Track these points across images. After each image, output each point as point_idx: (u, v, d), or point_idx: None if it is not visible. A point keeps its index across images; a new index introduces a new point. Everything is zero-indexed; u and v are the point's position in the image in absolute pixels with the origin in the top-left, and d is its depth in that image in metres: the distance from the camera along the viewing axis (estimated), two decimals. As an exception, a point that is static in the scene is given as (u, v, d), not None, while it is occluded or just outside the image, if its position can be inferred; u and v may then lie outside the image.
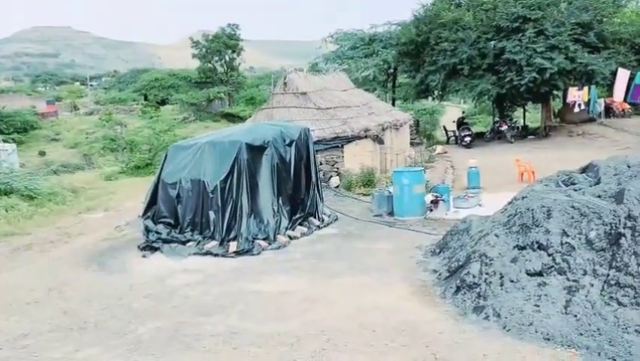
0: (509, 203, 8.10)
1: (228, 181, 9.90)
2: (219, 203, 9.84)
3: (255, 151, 10.25)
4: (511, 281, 6.39)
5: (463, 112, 28.51)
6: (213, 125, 45.75)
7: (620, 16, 22.33)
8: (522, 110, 28.13)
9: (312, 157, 11.62)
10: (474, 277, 6.84)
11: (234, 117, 52.16)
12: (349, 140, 16.13)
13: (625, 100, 23.74)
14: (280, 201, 10.53)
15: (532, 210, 6.95)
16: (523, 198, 7.66)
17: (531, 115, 30.48)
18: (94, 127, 42.66)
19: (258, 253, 9.65)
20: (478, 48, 21.57)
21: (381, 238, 10.66)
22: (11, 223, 15.07)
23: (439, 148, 22.39)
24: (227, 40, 53.99)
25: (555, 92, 22.96)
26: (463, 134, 23.55)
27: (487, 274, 6.71)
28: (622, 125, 22.31)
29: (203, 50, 54.50)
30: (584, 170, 8.50)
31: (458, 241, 8.55)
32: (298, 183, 11.15)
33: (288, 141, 10.99)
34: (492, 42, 20.61)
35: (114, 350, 6.04)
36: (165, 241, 9.92)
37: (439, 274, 7.83)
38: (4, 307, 7.89)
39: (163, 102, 59.44)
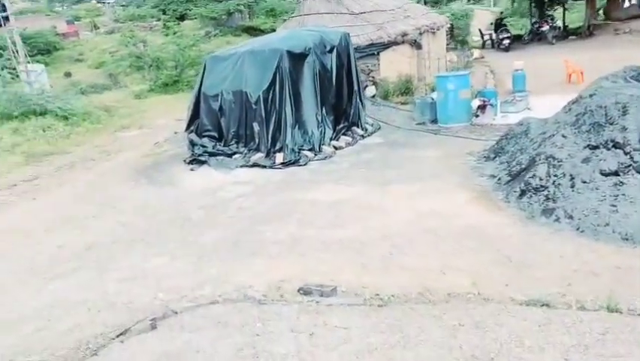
0: (574, 102, 7.67)
1: (271, 91, 9.59)
2: (263, 114, 9.60)
3: (297, 59, 9.84)
4: (584, 182, 6.13)
5: (502, 12, 27.03)
6: (234, 39, 44.54)
7: None
8: (562, 9, 26.53)
9: (353, 64, 11.16)
10: (541, 179, 6.59)
11: (255, 30, 50.51)
12: (385, 46, 15.42)
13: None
14: (324, 111, 10.24)
15: (606, 107, 6.56)
16: (591, 95, 7.22)
17: (570, 14, 28.78)
18: (117, 46, 41.96)
19: (305, 164, 9.50)
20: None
21: (428, 145, 10.39)
22: (50, 143, 15.19)
23: (476, 52, 21.45)
24: (246, -52, 51.32)
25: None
26: (501, 36, 22.43)
27: (555, 176, 6.46)
28: (674, 21, 20.96)
29: (220, -41, 51.98)
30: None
31: (516, 144, 8.25)
32: (340, 91, 10.78)
33: (328, 48, 10.51)
34: None
35: (182, 259, 6.07)
36: (211, 155, 9.82)
37: (499, 179, 7.60)
38: (64, 222, 7.99)
39: (182, 17, 57.81)
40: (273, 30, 54.31)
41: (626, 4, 20.24)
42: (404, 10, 17.61)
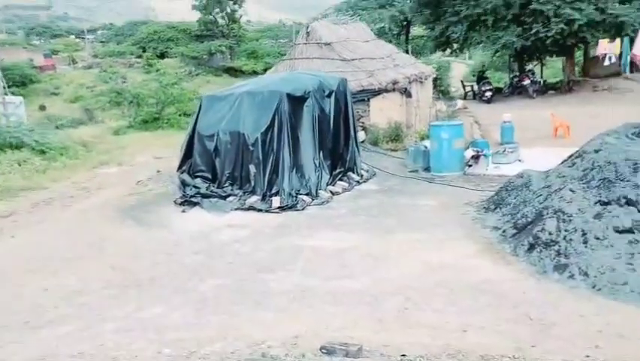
0: (577, 156, 7.68)
1: (269, 133, 9.42)
2: (260, 156, 9.39)
3: (296, 102, 9.74)
4: (597, 239, 6.03)
5: (484, 66, 27.76)
6: (215, 79, 44.78)
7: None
8: (540, 64, 27.39)
9: (350, 110, 11.12)
10: (550, 234, 6.48)
11: (236, 71, 51.01)
12: (376, 93, 15.52)
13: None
14: (321, 155, 10.10)
15: (615, 163, 6.55)
16: (596, 151, 7.23)
17: (548, 70, 29.74)
18: (96, 81, 41.64)
19: (303, 209, 9.26)
20: (503, -3, 20.73)
21: (424, 194, 10.28)
22: (26, 178, 14.67)
23: (459, 103, 21.80)
24: (229, -9, 52.20)
25: (581, 44, 22.25)
26: (483, 88, 22.89)
27: (566, 230, 6.36)
28: (648, 81, 21.74)
29: (204, 0, 52.77)
30: (653, 122, 8.05)
31: (518, 196, 8.18)
32: (337, 136, 10.68)
33: (327, 92, 10.46)
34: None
35: (181, 308, 5.70)
36: (204, 196, 9.51)
37: (503, 231, 7.48)
38: (47, 263, 7.52)
39: (162, 55, 57.96)
40: (255, 72, 54.78)
41: (606, 62, 20.93)
42: (393, 59, 17.88)
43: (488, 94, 22.78)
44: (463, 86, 26.04)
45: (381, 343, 4.58)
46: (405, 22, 29.07)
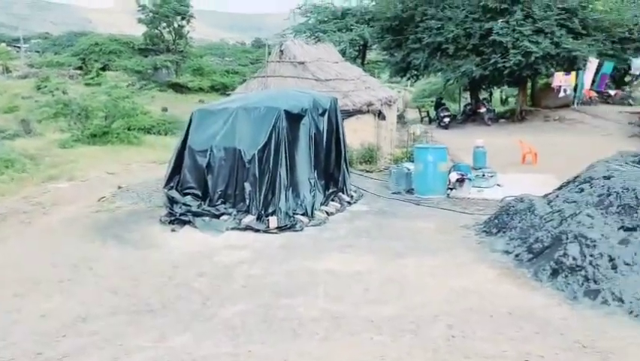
0: (584, 182, 7.79)
1: (266, 151, 9.04)
2: (257, 174, 8.98)
3: (293, 119, 9.44)
4: (627, 264, 6.06)
5: (441, 93, 28.48)
6: (160, 94, 43.60)
7: (602, 3, 22.76)
8: (489, 94, 28.43)
9: (341, 129, 10.92)
10: (574, 259, 6.47)
11: (182, 87, 49.98)
12: (350, 114, 15.43)
13: (591, 88, 24.48)
14: (315, 175, 9.81)
15: (635, 190, 6.67)
16: (607, 177, 7.37)
17: (495, 99, 30.92)
18: (32, 91, 39.55)
19: (301, 229, 8.92)
20: (464, 28, 21.37)
21: (417, 216, 10.18)
22: (-32, 192, 13.57)
23: (419, 128, 22.15)
24: (177, 6, 51.34)
25: (534, 76, 23.25)
26: (442, 114, 23.42)
27: (591, 256, 6.36)
28: (595, 112, 22.93)
29: (151, 14, 51.58)
30: (650, 151, 8.32)
31: (522, 220, 8.19)
32: (329, 156, 10.45)
33: (321, 111, 10.24)
34: (479, 23, 20.41)
35: (210, 337, 5.21)
36: (196, 215, 8.98)
37: (516, 256, 7.43)
38: (34, 286, 6.79)
39: (103, 68, 55.96)
40: (201, 89, 53.62)
41: (562, 94, 21.93)
42: (363, 81, 17.92)
43: (446, 120, 23.31)
44: (420, 112, 26.56)
45: (450, 374, 4.32)
46: (362, 47, 29.43)
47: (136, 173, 17.12)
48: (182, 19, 53.24)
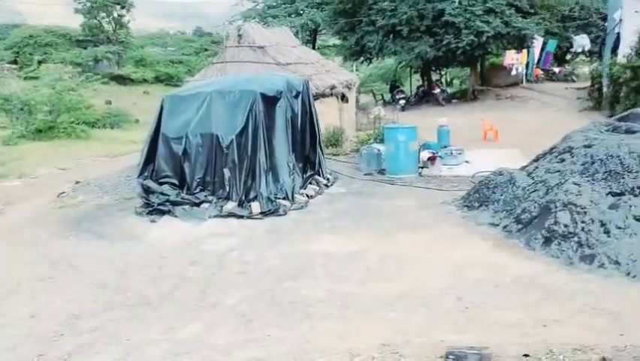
0: (564, 152, 7.98)
1: (243, 135, 8.79)
2: (236, 160, 8.73)
3: (269, 102, 9.20)
4: (619, 228, 6.24)
5: (395, 75, 28.65)
6: (102, 87, 42.00)
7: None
8: (440, 75, 28.85)
9: (314, 112, 10.77)
10: (566, 226, 6.62)
11: (125, 79, 48.32)
12: (314, 98, 15.27)
13: (537, 66, 25.27)
14: (294, 158, 9.63)
15: (619, 156, 6.87)
16: (588, 146, 7.57)
17: (442, 79, 31.35)
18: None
19: (285, 214, 8.75)
20: (417, 9, 21.51)
21: (395, 195, 10.19)
22: None
23: (375, 110, 22.22)
24: (116, -6, 49.43)
25: (487, 55, 23.74)
26: (398, 97, 23.58)
27: (583, 222, 6.52)
28: (542, 89, 23.66)
29: (88, 4, 49.47)
30: (621, 119, 8.61)
31: (504, 193, 8.31)
32: (304, 139, 10.28)
33: (294, 93, 10.03)
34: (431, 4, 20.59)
35: (222, 325, 5.01)
36: (174, 204, 8.64)
37: (504, 227, 7.53)
38: (13, 287, 6.36)
39: (39, 62, 53.28)
40: (145, 80, 51.87)
41: (513, 72, 22.47)
42: (322, 64, 17.76)
43: (402, 102, 23.47)
44: (374, 95, 26.67)
45: (477, 345, 4.30)
46: (313, 32, 29.23)
47: (89, 168, 16.44)
48: (122, 8, 51.34)
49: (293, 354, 4.25)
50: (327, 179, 10.73)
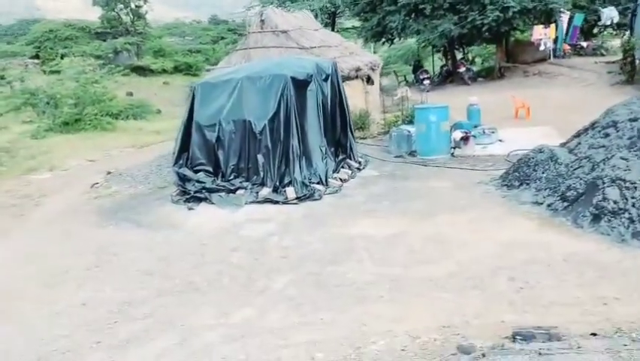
0: (608, 127, 7.75)
1: (276, 120, 8.72)
2: (269, 145, 8.67)
3: (300, 86, 9.11)
4: (671, 202, 6.05)
5: (418, 55, 28.27)
6: (122, 79, 42.28)
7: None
8: (464, 53, 28.31)
9: (343, 95, 10.63)
10: (615, 202, 6.44)
11: (144, 70, 48.51)
12: (340, 81, 15.13)
13: (564, 41, 24.63)
14: (325, 142, 9.54)
15: (668, 129, 6.63)
16: (633, 120, 7.34)
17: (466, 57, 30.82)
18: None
19: (320, 198, 8.68)
20: (440, -14, 21.12)
21: (429, 177, 10.04)
22: (-54, 187, 12.99)
23: (399, 92, 21.97)
24: (133, -15, 49.57)
25: (513, 31, 23.24)
26: (421, 77, 23.26)
27: (633, 198, 6.34)
28: (571, 64, 23.04)
29: (106, -5, 49.66)
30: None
31: (547, 171, 8.12)
32: (335, 122, 10.17)
33: (324, 76, 9.91)
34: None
35: (273, 309, 4.98)
36: (210, 191, 8.63)
37: (549, 205, 7.37)
38: (58, 277, 6.42)
39: (61, 56, 53.77)
40: (165, 71, 51.95)
41: (542, 47, 21.97)
42: (345, 47, 17.56)
43: (426, 82, 23.13)
44: (397, 76, 26.36)
45: (538, 325, 4.20)
46: (332, 14, 28.93)
47: (117, 158, 16.59)
48: (139, -2, 51.44)
49: (351, 337, 4.20)
50: (359, 162, 10.62)
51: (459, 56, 26.40)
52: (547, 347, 3.47)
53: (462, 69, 23.31)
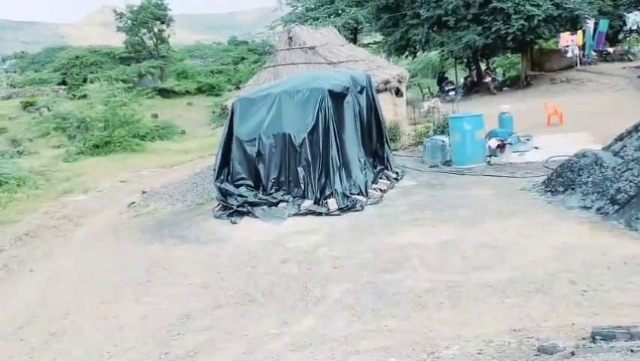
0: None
1: (315, 133, 8.78)
2: (309, 158, 8.72)
3: (337, 98, 9.18)
4: None
5: (443, 67, 28.31)
6: (147, 101, 43.03)
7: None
8: (488, 63, 28.24)
9: (378, 106, 10.66)
10: (669, 203, 6.32)
11: (168, 92, 49.30)
12: (370, 93, 15.19)
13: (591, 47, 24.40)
14: (363, 153, 9.56)
15: None
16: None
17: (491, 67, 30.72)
18: (21, 111, 38.85)
19: (362, 209, 8.68)
20: (463, -2, 21.17)
21: (469, 185, 9.98)
22: (-10, 212, 13.29)
23: (425, 104, 21.95)
24: (155, 11, 50.62)
25: (538, 40, 23.13)
26: (447, 88, 23.25)
27: (689, 198, 6.21)
28: (598, 70, 22.83)
29: (129, 22, 50.77)
30: None
31: (592, 175, 8.01)
32: (371, 133, 10.21)
33: (359, 88, 9.98)
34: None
35: (335, 318, 4.97)
36: (253, 205, 8.69)
37: (598, 209, 7.26)
38: (114, 292, 6.50)
39: (85, 81, 55.02)
40: (188, 92, 52.68)
41: (569, 54, 21.81)
42: (372, 60, 17.66)
43: (452, 93, 23.11)
44: (421, 89, 26.36)
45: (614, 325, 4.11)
46: (354, 30, 29.13)
47: (149, 178, 16.86)
48: (162, 23, 52.51)
49: (421, 343, 4.16)
50: (397, 173, 10.61)
51: (483, 66, 26.32)
52: (637, 345, 3.39)
53: (488, 79, 23.24)
